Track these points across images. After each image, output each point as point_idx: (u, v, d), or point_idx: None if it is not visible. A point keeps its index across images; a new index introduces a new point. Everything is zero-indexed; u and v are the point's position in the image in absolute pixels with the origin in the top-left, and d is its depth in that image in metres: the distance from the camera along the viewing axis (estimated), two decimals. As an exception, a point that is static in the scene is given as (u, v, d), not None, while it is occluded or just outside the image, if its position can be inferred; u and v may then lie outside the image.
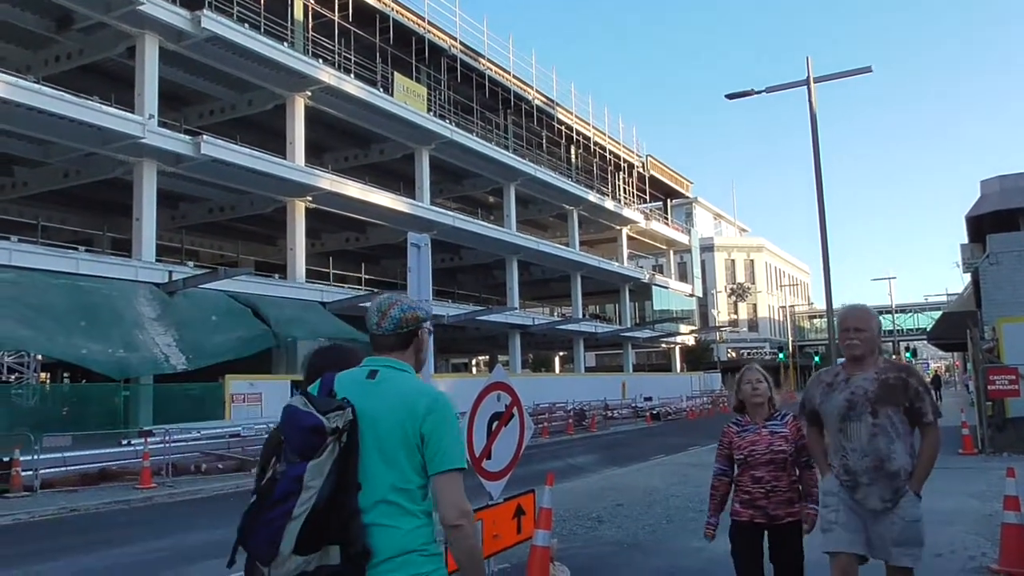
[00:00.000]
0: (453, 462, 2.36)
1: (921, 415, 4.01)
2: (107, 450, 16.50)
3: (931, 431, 4.05)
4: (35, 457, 14.63)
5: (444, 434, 2.36)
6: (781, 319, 76.59)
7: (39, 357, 26.18)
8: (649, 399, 39.66)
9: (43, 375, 29.85)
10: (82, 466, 15.51)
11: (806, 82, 18.34)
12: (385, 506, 2.33)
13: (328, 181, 27.77)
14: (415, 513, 2.36)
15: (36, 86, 20.07)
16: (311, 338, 26.06)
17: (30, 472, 14.40)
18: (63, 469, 15.18)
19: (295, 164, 26.78)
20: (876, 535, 3.99)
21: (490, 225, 37.89)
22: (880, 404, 3.99)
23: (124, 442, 17.20)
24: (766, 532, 4.38)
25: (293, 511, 2.18)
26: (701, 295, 63.29)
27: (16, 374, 26.04)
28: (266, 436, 2.55)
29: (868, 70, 17.97)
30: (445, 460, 2.36)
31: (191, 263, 27.28)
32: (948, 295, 62.17)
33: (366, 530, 2.30)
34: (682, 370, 57.12)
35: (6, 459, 14.48)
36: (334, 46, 28.29)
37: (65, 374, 30.59)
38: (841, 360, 4.52)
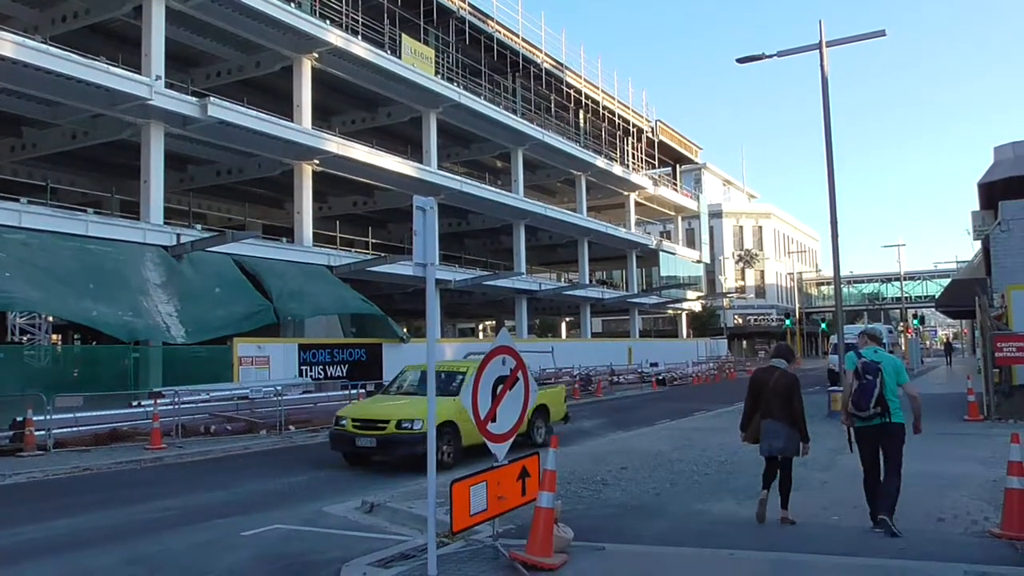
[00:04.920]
0: (905, 380, 7.46)
1: None
2: (118, 411, 16.69)
3: None
4: (48, 417, 14.84)
5: (902, 370, 7.50)
6: (789, 286, 76.50)
7: (50, 319, 26.35)
8: (655, 365, 39.76)
9: (55, 337, 30.06)
10: (94, 426, 15.73)
11: (818, 46, 18.05)
12: (890, 393, 7.26)
13: (335, 144, 27.64)
14: (898, 396, 7.32)
15: (43, 46, 19.89)
16: (312, 315, 25.79)
17: (43, 432, 14.62)
18: (75, 429, 15.39)
19: (302, 127, 26.63)
20: None
21: (497, 190, 37.70)
22: None
23: (134, 403, 17.40)
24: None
25: (873, 392, 7.23)
26: (709, 261, 63.08)
27: (28, 335, 26.24)
28: (274, 399, 2.72)
29: (882, 34, 17.61)
30: (902, 379, 7.44)
31: (199, 226, 27.23)
32: (958, 262, 61.66)
33: (888, 400, 7.24)
34: (688, 336, 57.20)
35: (20, 419, 14.70)
36: (342, 7, 27.96)
37: (76, 336, 30.80)
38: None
